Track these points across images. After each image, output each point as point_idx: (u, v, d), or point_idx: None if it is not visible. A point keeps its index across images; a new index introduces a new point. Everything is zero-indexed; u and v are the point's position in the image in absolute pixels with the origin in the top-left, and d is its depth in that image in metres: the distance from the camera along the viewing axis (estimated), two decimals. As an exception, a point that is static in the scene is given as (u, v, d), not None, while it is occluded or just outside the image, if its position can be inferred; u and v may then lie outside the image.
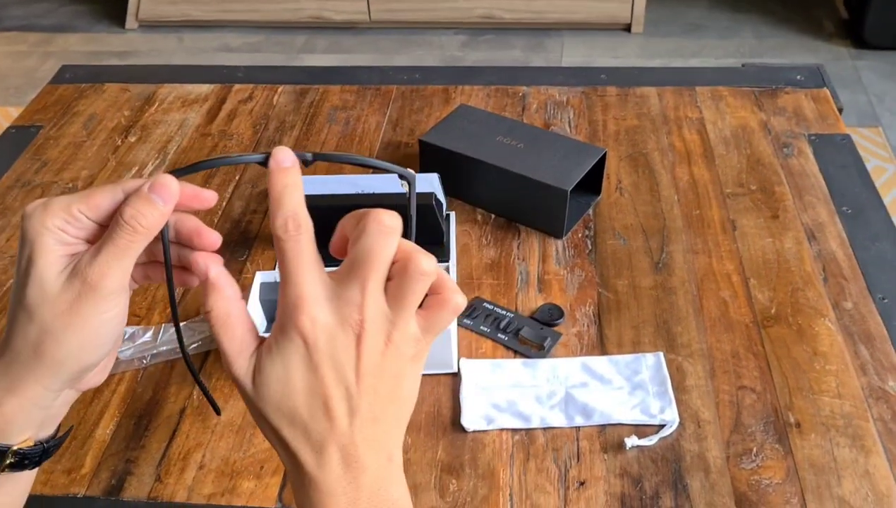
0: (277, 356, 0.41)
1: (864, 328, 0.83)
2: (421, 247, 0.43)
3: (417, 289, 0.42)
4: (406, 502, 0.43)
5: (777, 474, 0.71)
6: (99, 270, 0.42)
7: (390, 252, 0.42)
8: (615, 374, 0.79)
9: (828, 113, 1.15)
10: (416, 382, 0.44)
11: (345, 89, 1.26)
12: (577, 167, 0.94)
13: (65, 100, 1.27)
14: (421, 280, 0.42)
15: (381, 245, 0.42)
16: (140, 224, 0.43)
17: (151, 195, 0.43)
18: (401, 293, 0.42)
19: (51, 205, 0.43)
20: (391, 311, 0.42)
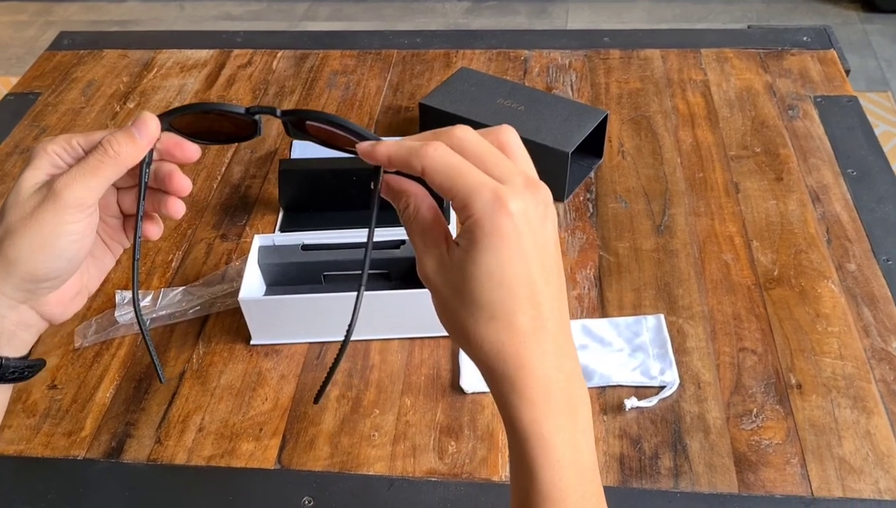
0: (488, 251, 0.40)
1: (867, 290, 0.83)
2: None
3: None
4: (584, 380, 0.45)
5: (777, 435, 0.70)
6: (65, 181, 0.45)
7: (477, 136, 0.43)
8: (615, 336, 0.78)
9: (834, 74, 1.14)
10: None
11: (345, 54, 1.25)
12: (578, 129, 0.93)
13: (63, 66, 1.26)
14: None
15: (477, 137, 0.43)
16: (112, 148, 0.46)
17: (131, 128, 0.47)
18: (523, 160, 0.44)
19: (55, 140, 0.47)
20: (544, 186, 0.42)
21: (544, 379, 0.41)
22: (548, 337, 0.41)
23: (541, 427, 0.41)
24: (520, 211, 0.40)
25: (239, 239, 0.92)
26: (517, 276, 0.40)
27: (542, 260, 0.41)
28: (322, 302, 0.77)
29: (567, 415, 0.42)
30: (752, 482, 0.67)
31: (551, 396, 0.42)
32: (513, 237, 0.40)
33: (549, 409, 0.41)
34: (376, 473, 0.69)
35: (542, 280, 0.41)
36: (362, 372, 0.77)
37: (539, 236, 0.41)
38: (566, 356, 0.42)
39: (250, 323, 0.79)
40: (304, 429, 0.73)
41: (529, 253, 0.40)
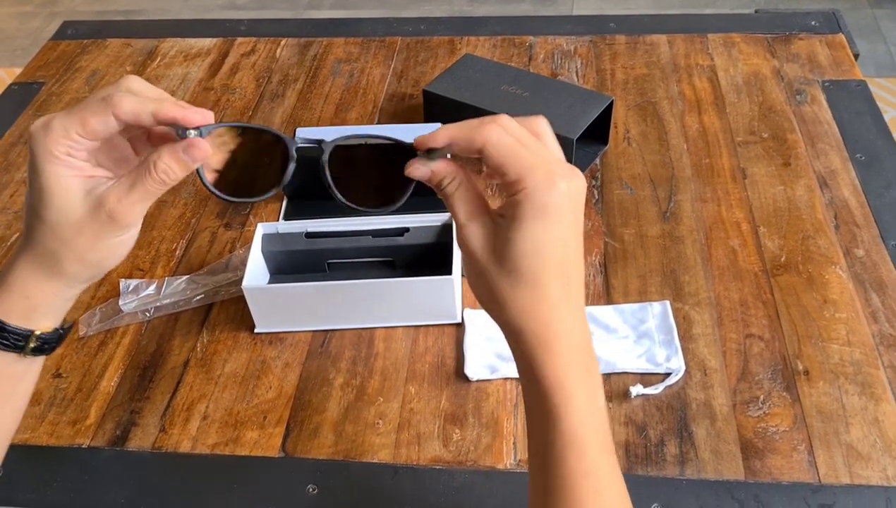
0: (537, 223, 0.44)
1: (875, 275, 0.82)
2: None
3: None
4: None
5: (784, 421, 0.70)
6: (125, 209, 0.47)
7: (518, 125, 0.47)
8: (621, 323, 0.78)
9: (843, 59, 1.12)
10: None
11: (349, 42, 1.24)
12: (583, 115, 0.92)
13: (67, 56, 1.26)
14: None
15: (513, 124, 0.46)
16: (170, 177, 0.47)
17: (185, 158, 0.47)
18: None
19: (52, 132, 0.47)
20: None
21: (568, 337, 0.46)
22: (572, 304, 0.46)
23: (564, 378, 0.46)
24: (566, 191, 0.44)
25: (243, 227, 0.92)
26: (555, 248, 0.45)
27: (577, 238, 0.46)
28: (326, 290, 0.77)
29: (585, 371, 0.47)
30: (759, 469, 0.67)
31: (573, 352, 0.46)
32: (556, 214, 0.44)
33: (571, 363, 0.46)
34: (381, 461, 0.69)
35: (574, 255, 0.46)
36: (366, 360, 0.77)
37: (578, 216, 0.46)
38: (584, 323, 0.48)
39: (254, 311, 0.79)
40: (308, 417, 0.73)
41: (569, 229, 0.45)
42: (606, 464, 0.47)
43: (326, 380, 0.76)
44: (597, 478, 0.46)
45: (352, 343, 0.79)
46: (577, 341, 0.47)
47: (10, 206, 0.98)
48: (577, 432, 0.46)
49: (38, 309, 0.50)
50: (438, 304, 0.78)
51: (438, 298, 0.77)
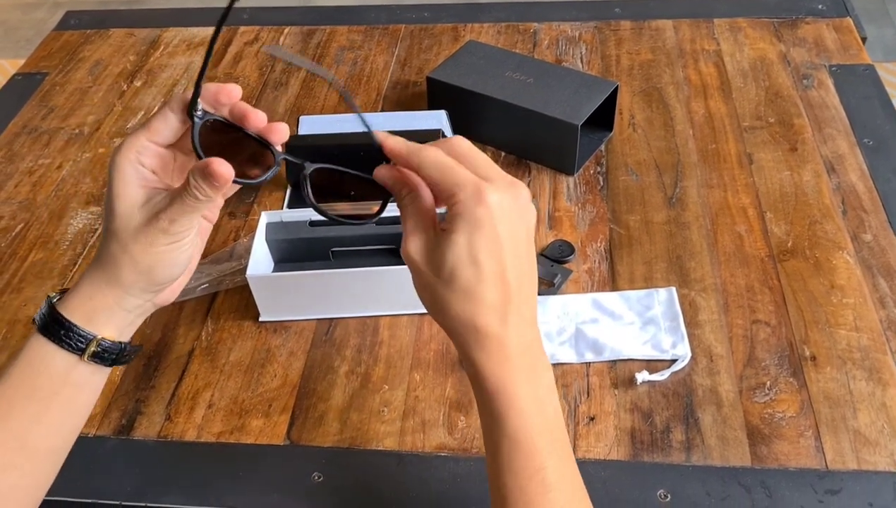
0: (463, 236, 0.47)
1: (883, 261, 0.81)
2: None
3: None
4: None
5: (791, 407, 0.70)
6: (169, 219, 0.51)
7: (471, 145, 0.50)
8: (626, 310, 0.77)
9: (850, 43, 1.11)
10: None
11: (352, 29, 1.24)
12: (587, 101, 0.92)
13: (70, 46, 1.26)
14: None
15: (471, 145, 0.50)
16: (201, 195, 0.50)
17: (214, 183, 0.49)
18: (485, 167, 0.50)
19: (125, 143, 0.51)
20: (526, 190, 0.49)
21: (507, 343, 0.48)
22: (511, 310, 0.48)
23: (504, 382, 0.48)
24: (496, 203, 0.47)
25: (247, 216, 0.92)
26: (489, 258, 0.47)
27: (515, 247, 0.48)
28: (330, 279, 0.77)
29: (529, 373, 0.48)
30: (766, 455, 0.66)
31: (512, 357, 0.48)
32: (487, 225, 0.47)
33: (511, 367, 0.48)
34: (386, 449, 0.69)
35: (512, 264, 0.48)
36: (371, 348, 0.77)
37: (513, 227, 0.48)
38: (529, 325, 0.49)
39: (259, 299, 0.79)
40: (313, 405, 0.73)
41: (502, 239, 0.47)
42: (556, 465, 0.48)
43: (331, 368, 0.76)
44: (544, 478, 0.47)
45: (356, 331, 0.79)
46: (516, 347, 0.48)
47: (15, 196, 0.98)
48: (522, 432, 0.47)
49: (99, 314, 0.53)
50: (443, 292, 0.77)
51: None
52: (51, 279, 0.87)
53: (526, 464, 0.47)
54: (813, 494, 0.64)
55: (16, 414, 0.51)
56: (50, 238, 0.92)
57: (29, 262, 0.89)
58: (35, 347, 0.52)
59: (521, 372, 0.48)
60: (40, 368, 0.52)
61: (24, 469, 0.52)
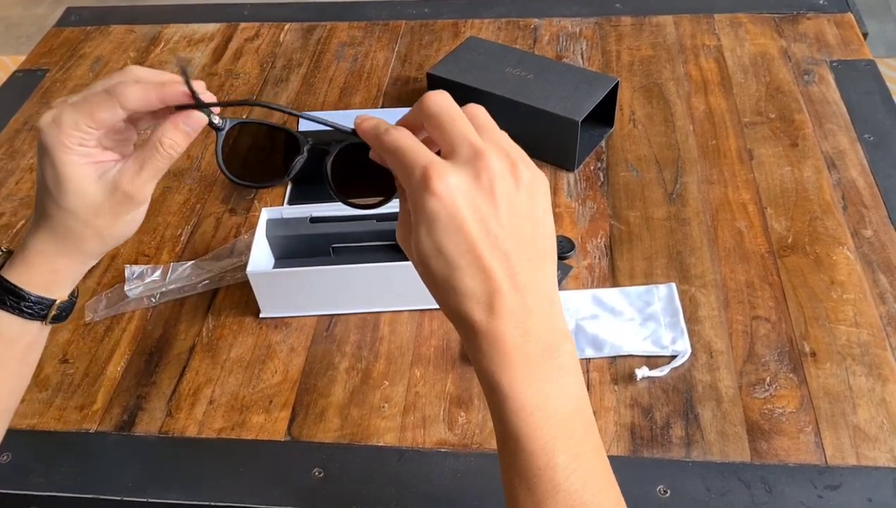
0: (422, 227, 0.42)
1: (883, 256, 0.81)
2: None
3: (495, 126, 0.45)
4: (568, 330, 0.45)
5: (791, 403, 0.70)
6: (138, 188, 0.51)
7: (456, 107, 0.44)
8: (626, 306, 0.78)
9: (851, 38, 1.11)
10: (551, 214, 0.45)
11: (353, 25, 1.23)
12: (588, 97, 0.92)
13: (70, 42, 1.26)
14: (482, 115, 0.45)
15: (444, 103, 0.44)
16: (175, 151, 0.50)
17: (185, 127, 0.50)
18: (488, 134, 0.44)
19: (63, 124, 0.49)
20: (498, 152, 0.43)
21: (497, 336, 0.43)
22: (502, 298, 0.42)
23: (499, 380, 0.43)
24: (448, 187, 0.41)
25: (247, 212, 0.92)
26: (455, 247, 0.42)
27: (488, 228, 0.42)
28: (331, 275, 0.77)
29: (525, 367, 0.43)
30: (765, 450, 0.66)
31: (507, 351, 0.43)
32: (442, 213, 0.41)
33: (506, 363, 0.43)
34: (386, 444, 0.69)
35: (489, 246, 0.42)
36: (372, 344, 0.77)
37: (481, 205, 0.42)
38: (528, 312, 0.43)
39: (259, 296, 0.79)
40: (313, 401, 0.73)
41: (467, 224, 0.41)
42: (566, 462, 0.44)
43: (332, 364, 0.76)
44: (551, 478, 0.44)
45: (357, 327, 0.79)
46: (511, 340, 0.43)
47: (16, 193, 0.99)
48: (521, 432, 0.44)
49: (58, 281, 0.54)
50: (443, 288, 0.77)
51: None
52: (52, 275, 0.87)
53: (530, 464, 0.44)
54: (812, 490, 0.64)
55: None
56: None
57: (30, 259, 0.89)
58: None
59: (517, 368, 0.43)
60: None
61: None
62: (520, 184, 0.43)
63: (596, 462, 0.46)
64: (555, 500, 0.43)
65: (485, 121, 0.45)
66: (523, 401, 0.43)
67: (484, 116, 0.45)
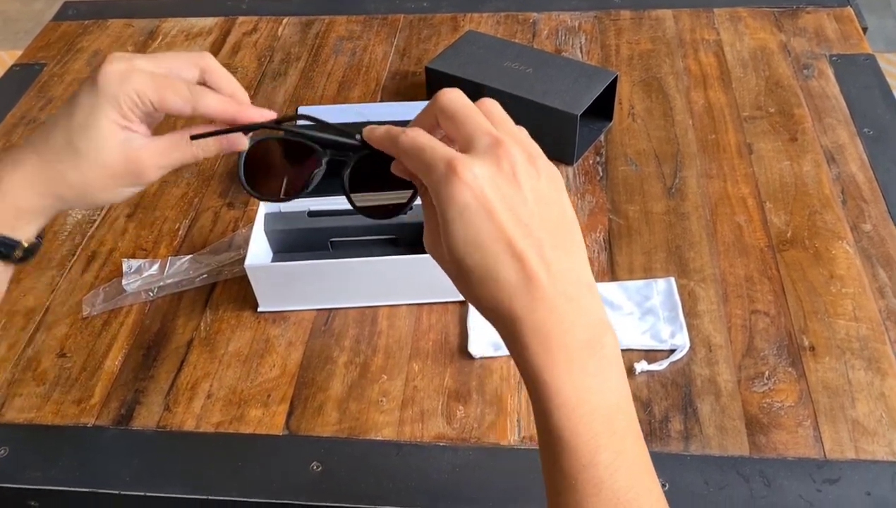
0: (454, 221, 0.42)
1: (883, 250, 0.81)
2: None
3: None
4: (608, 323, 0.44)
5: (790, 397, 0.70)
6: (156, 169, 0.52)
7: (469, 102, 0.45)
8: (625, 300, 0.77)
9: (851, 32, 1.11)
10: (570, 205, 0.45)
11: (351, 19, 1.23)
12: (587, 91, 0.91)
13: (68, 36, 1.25)
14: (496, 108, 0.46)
15: (458, 99, 0.45)
16: (204, 156, 0.53)
17: (225, 144, 0.52)
18: (504, 127, 0.44)
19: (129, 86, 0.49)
20: (519, 145, 0.43)
21: (538, 327, 0.42)
22: (539, 286, 0.41)
23: (541, 373, 0.42)
24: (475, 177, 0.41)
25: (246, 206, 0.92)
26: (489, 237, 0.41)
27: (517, 215, 0.41)
28: (329, 268, 0.77)
29: (567, 360, 0.42)
30: (764, 444, 0.66)
31: (549, 343, 0.42)
32: (472, 202, 0.41)
33: (547, 355, 0.42)
34: (385, 438, 0.69)
35: (521, 233, 0.41)
36: (370, 338, 0.77)
37: (507, 192, 0.42)
38: (568, 301, 0.42)
39: (257, 290, 0.79)
40: (311, 395, 0.73)
41: (497, 212, 0.41)
42: (610, 460, 0.42)
43: (330, 358, 0.76)
44: (593, 475, 0.42)
45: (355, 321, 0.79)
46: (551, 328, 0.42)
47: (13, 187, 0.98)
48: (564, 427, 0.42)
49: (24, 220, 0.52)
50: (442, 282, 0.77)
51: (442, 276, 0.76)
52: (50, 269, 0.87)
53: (573, 462, 0.42)
54: (811, 483, 0.64)
55: None
56: (48, 228, 0.92)
57: (27, 253, 0.89)
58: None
59: (561, 360, 0.42)
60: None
61: None
62: (540, 172, 0.43)
63: (639, 459, 0.44)
64: (598, 498, 0.42)
65: (500, 116, 0.45)
66: (566, 396, 0.42)
67: (499, 111, 0.46)
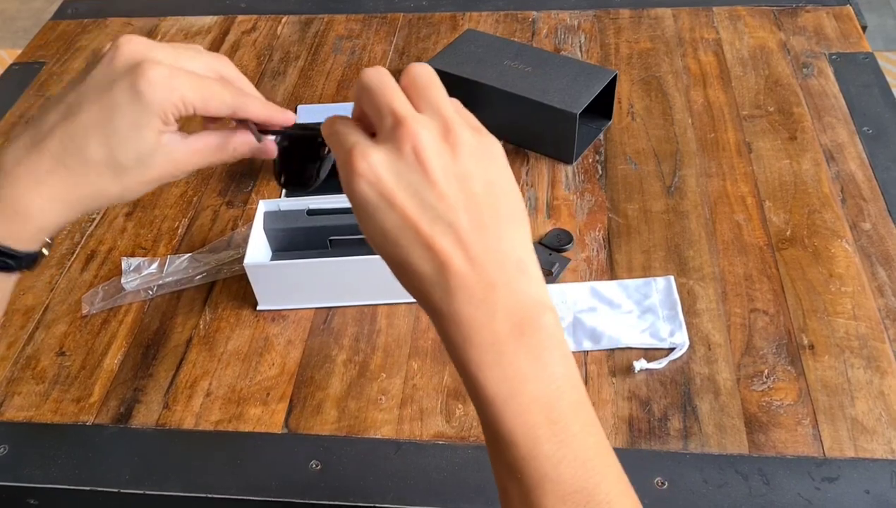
0: (360, 213, 0.41)
1: (882, 249, 0.81)
2: None
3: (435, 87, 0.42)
4: (548, 299, 0.41)
5: (789, 395, 0.70)
6: (189, 161, 0.50)
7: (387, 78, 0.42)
8: (624, 298, 0.77)
9: (850, 31, 1.11)
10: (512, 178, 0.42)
11: (350, 18, 1.23)
12: (586, 90, 0.91)
13: (67, 35, 1.25)
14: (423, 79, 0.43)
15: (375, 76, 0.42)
16: (236, 154, 0.52)
17: (259, 150, 0.52)
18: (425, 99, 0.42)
19: (176, 90, 0.47)
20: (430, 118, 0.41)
21: (458, 319, 0.39)
22: (454, 274, 0.39)
23: (467, 368, 0.40)
24: (370, 166, 0.39)
25: (245, 205, 0.92)
26: (394, 228, 0.40)
27: (422, 199, 0.39)
28: (328, 267, 0.77)
29: (493, 351, 0.39)
30: (763, 442, 0.66)
31: (471, 335, 0.39)
32: (370, 193, 0.40)
33: (470, 348, 0.39)
34: (384, 437, 0.69)
35: (428, 219, 0.39)
36: (369, 337, 0.77)
37: (411, 177, 0.39)
38: (490, 287, 0.39)
39: (256, 288, 0.79)
40: (311, 394, 0.73)
41: (397, 198, 0.39)
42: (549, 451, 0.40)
43: (329, 357, 0.76)
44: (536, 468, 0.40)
45: (354, 319, 0.79)
46: (473, 321, 0.39)
47: (12, 186, 0.98)
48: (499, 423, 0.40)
49: (45, 233, 0.49)
50: (441, 280, 0.77)
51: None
52: (48, 268, 0.87)
53: (513, 454, 0.40)
54: (810, 481, 0.64)
55: None
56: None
57: (27, 251, 0.89)
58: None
59: (487, 351, 0.39)
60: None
61: None
62: (457, 148, 0.40)
63: (588, 444, 0.41)
64: (543, 490, 0.40)
65: (424, 83, 0.42)
66: (495, 390, 0.39)
67: (424, 79, 0.42)
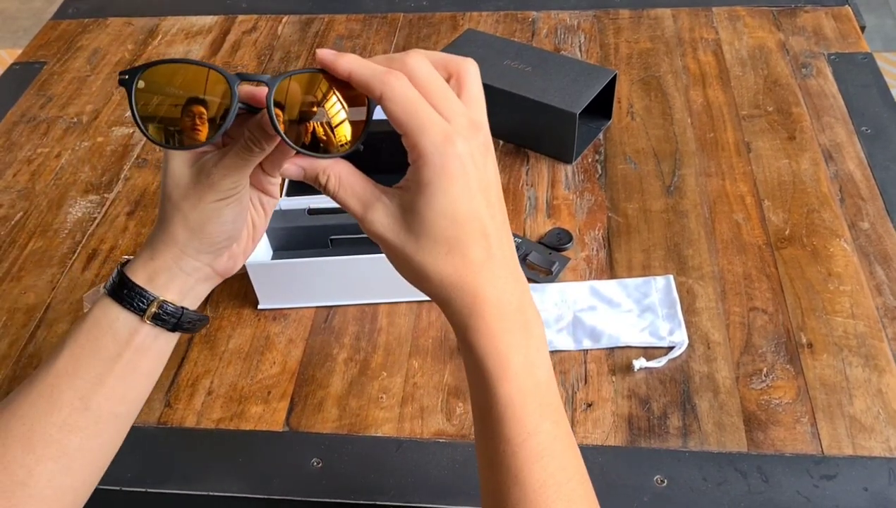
0: (437, 191, 0.43)
1: (880, 248, 0.81)
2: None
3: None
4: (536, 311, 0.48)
5: (787, 394, 0.70)
6: (220, 173, 0.50)
7: (430, 69, 0.44)
8: (624, 297, 0.78)
9: (849, 31, 1.11)
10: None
11: (350, 18, 1.23)
12: (586, 90, 0.92)
13: (68, 35, 1.25)
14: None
15: (423, 68, 0.44)
16: (256, 147, 0.48)
17: (274, 138, 0.49)
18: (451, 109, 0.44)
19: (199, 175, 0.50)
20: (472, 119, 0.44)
21: (498, 302, 0.45)
22: (497, 265, 0.45)
23: (498, 345, 0.45)
24: (466, 152, 0.43)
25: (246, 204, 0.92)
26: (468, 213, 0.44)
27: (488, 197, 0.45)
28: (329, 266, 0.77)
29: (521, 334, 0.46)
30: (762, 441, 0.67)
31: (505, 317, 0.45)
32: (461, 177, 0.43)
33: (504, 328, 0.45)
34: (384, 435, 0.69)
35: (489, 215, 0.45)
36: (370, 335, 0.77)
37: (483, 175, 0.44)
38: (516, 280, 0.46)
39: (257, 287, 0.79)
40: (312, 392, 0.73)
41: (476, 191, 0.44)
42: (548, 429, 0.46)
43: (330, 356, 0.76)
44: (538, 443, 0.45)
45: (355, 318, 0.79)
46: (508, 305, 0.45)
47: (14, 185, 0.98)
48: (513, 396, 0.45)
49: (159, 274, 0.52)
50: (441, 279, 0.78)
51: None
52: (50, 267, 0.87)
53: (518, 430, 0.45)
54: (809, 479, 0.64)
55: (81, 373, 0.51)
56: (49, 226, 0.92)
57: (28, 251, 0.90)
58: (102, 308, 0.52)
59: (514, 334, 0.45)
60: (105, 328, 0.51)
61: (87, 432, 0.52)
62: (494, 163, 0.46)
63: (569, 432, 0.48)
64: (540, 464, 0.45)
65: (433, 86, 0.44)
66: (516, 368, 0.45)
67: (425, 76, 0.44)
